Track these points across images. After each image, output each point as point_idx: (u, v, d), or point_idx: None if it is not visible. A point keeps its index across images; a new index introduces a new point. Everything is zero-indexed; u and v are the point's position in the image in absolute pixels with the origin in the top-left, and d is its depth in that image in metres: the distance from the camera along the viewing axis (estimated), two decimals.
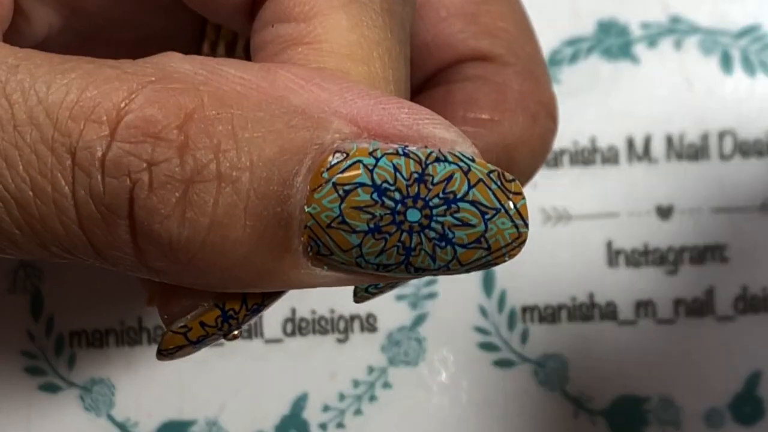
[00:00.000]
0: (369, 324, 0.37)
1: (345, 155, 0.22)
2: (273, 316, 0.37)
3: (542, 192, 0.37)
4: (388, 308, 0.37)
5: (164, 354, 0.25)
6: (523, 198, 0.23)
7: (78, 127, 0.22)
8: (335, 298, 0.37)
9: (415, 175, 0.23)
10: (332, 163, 0.22)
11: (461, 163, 0.23)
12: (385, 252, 0.23)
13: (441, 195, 0.23)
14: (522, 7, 0.31)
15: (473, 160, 0.23)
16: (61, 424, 0.37)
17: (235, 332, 0.24)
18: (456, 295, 0.37)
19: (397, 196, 0.22)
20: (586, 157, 0.37)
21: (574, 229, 0.37)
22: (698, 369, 0.37)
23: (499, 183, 0.23)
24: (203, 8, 0.27)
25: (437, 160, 0.23)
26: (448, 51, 0.30)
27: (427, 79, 0.31)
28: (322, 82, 0.23)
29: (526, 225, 0.23)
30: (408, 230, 0.23)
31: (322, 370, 0.37)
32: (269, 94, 0.23)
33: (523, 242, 0.23)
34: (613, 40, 0.38)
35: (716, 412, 0.37)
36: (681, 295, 0.37)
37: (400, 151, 0.23)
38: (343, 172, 0.22)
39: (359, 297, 0.27)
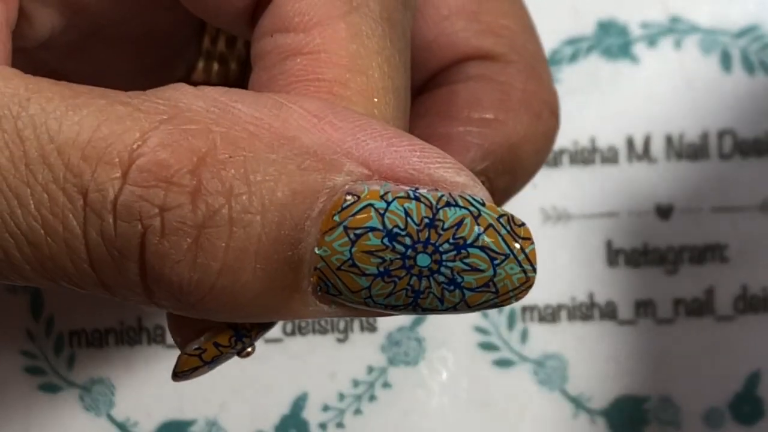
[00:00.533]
0: (369, 324, 0.37)
1: (356, 198, 0.22)
2: None
3: (542, 192, 0.37)
4: None
5: (180, 376, 0.25)
6: (532, 243, 0.23)
7: (90, 168, 0.22)
8: None
9: (426, 221, 0.23)
10: (344, 206, 0.22)
11: (471, 208, 0.23)
12: (394, 294, 0.23)
13: (451, 240, 0.23)
14: (523, 5, 0.31)
15: (483, 204, 0.23)
16: (61, 424, 0.37)
17: (249, 349, 0.24)
18: None
19: (408, 241, 0.23)
20: (586, 156, 0.37)
21: (574, 228, 0.37)
22: (698, 369, 0.37)
23: (508, 228, 0.23)
24: (204, 13, 0.27)
25: (447, 204, 0.23)
26: (451, 50, 0.30)
27: (430, 79, 0.31)
28: (334, 120, 0.23)
29: (534, 270, 0.23)
30: (417, 275, 0.23)
31: (322, 370, 0.37)
32: (281, 135, 0.22)
33: (531, 286, 0.23)
34: (612, 40, 0.38)
35: (716, 412, 0.37)
36: (681, 294, 0.37)
37: (411, 195, 0.23)
38: (354, 215, 0.22)
39: None
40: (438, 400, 0.37)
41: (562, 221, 0.37)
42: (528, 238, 0.23)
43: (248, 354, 0.25)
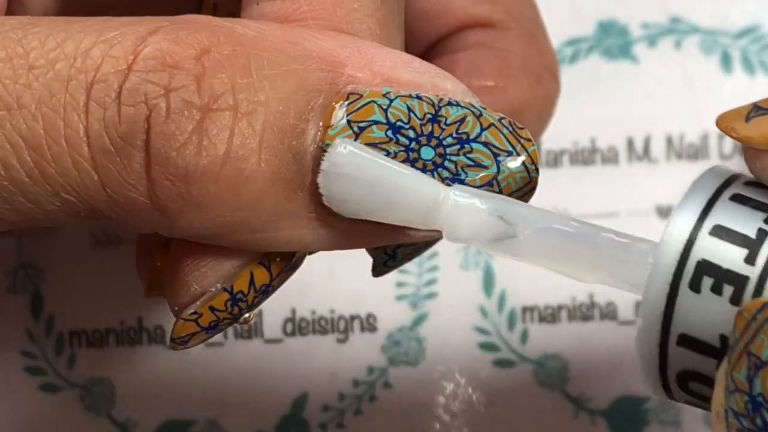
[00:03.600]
0: (369, 324, 0.37)
1: (359, 96, 0.23)
2: (273, 316, 0.37)
3: (542, 192, 0.37)
4: (388, 308, 0.37)
5: (177, 342, 0.25)
6: (534, 145, 0.23)
7: (95, 63, 0.22)
8: (335, 298, 0.37)
9: (429, 116, 0.23)
10: (347, 103, 0.23)
11: (473, 108, 0.23)
12: None
13: (454, 135, 0.23)
14: None
15: (485, 109, 0.23)
16: (61, 424, 0.37)
17: (247, 315, 0.24)
18: (456, 295, 0.37)
19: (412, 134, 0.23)
20: (586, 157, 0.37)
21: None
22: None
23: (510, 128, 0.23)
24: None
25: (449, 104, 0.23)
26: (448, 19, 0.31)
27: (429, 49, 0.31)
28: (336, 35, 0.23)
29: (537, 170, 0.23)
30: (422, 168, 0.23)
31: (322, 370, 0.37)
32: (284, 40, 0.23)
33: (534, 188, 0.23)
34: (613, 40, 0.38)
35: None
36: None
37: (413, 95, 0.23)
38: (357, 111, 0.22)
39: (377, 271, 0.27)
40: (438, 400, 0.37)
41: None
42: (529, 140, 0.23)
43: (246, 321, 0.25)
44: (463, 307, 0.37)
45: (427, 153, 0.23)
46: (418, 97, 0.23)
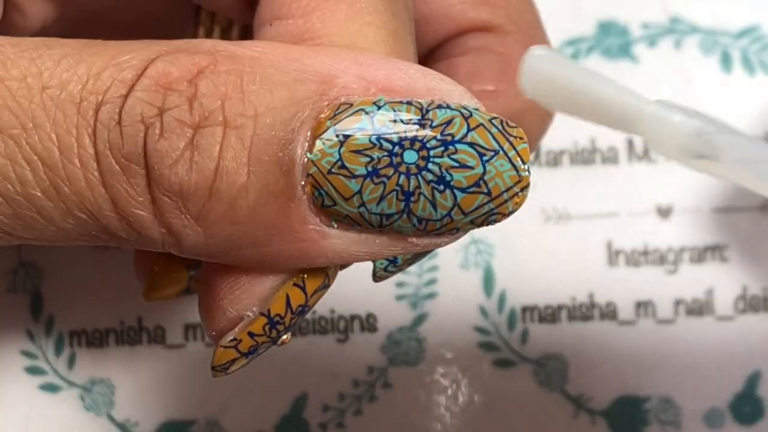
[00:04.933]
0: (369, 324, 0.37)
1: (349, 106, 0.23)
2: None
3: (542, 192, 0.37)
4: (388, 308, 0.37)
5: (218, 370, 0.25)
6: (524, 142, 0.23)
7: (104, 85, 0.23)
8: (335, 298, 0.37)
9: (415, 119, 0.23)
10: (336, 112, 0.23)
11: (463, 110, 0.23)
12: (385, 198, 0.23)
13: (439, 137, 0.23)
14: None
15: (477, 110, 0.23)
16: (61, 424, 0.37)
17: (284, 337, 0.24)
18: (456, 295, 0.37)
19: (395, 138, 0.23)
20: (586, 157, 0.37)
21: (574, 229, 0.37)
22: (698, 369, 0.37)
23: (500, 127, 0.23)
24: None
25: (439, 107, 0.23)
26: (448, 23, 0.31)
27: (428, 54, 0.31)
28: (337, 50, 0.23)
29: (527, 169, 0.23)
30: (405, 172, 0.23)
31: (323, 370, 0.37)
32: (283, 57, 0.23)
33: (525, 187, 0.23)
34: (613, 40, 0.38)
35: (716, 412, 0.37)
36: (681, 295, 0.37)
37: (404, 101, 0.23)
38: (344, 120, 0.23)
39: (378, 276, 0.27)
40: (438, 400, 0.37)
41: (562, 221, 0.37)
42: (521, 138, 0.23)
43: (284, 342, 0.25)
44: (463, 307, 0.37)
45: (410, 156, 0.23)
46: (408, 102, 0.23)
